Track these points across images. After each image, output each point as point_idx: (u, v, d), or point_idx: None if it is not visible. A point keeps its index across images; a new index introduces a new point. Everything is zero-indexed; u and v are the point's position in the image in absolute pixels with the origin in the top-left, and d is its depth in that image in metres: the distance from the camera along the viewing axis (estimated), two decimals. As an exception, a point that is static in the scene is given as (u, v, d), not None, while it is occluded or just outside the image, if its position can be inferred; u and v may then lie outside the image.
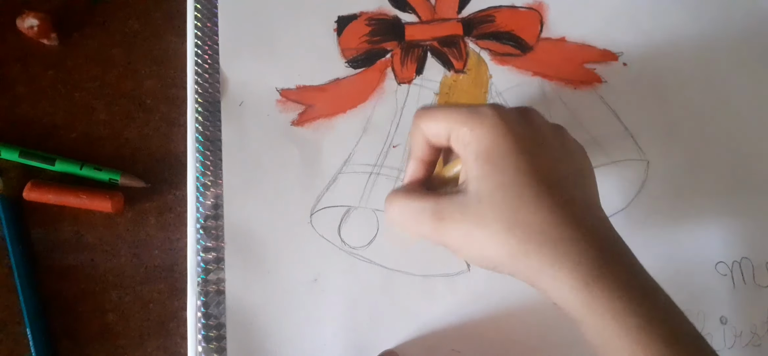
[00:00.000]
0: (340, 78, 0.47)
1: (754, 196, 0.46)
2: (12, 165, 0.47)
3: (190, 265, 0.42)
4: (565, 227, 0.31)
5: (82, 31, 0.50)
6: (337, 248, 0.43)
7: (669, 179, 0.45)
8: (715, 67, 0.48)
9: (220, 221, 0.43)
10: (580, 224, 0.31)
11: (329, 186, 0.44)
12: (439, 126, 0.34)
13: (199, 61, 0.46)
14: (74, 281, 0.45)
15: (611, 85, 0.47)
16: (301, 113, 0.46)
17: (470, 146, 0.33)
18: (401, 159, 0.45)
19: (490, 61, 0.47)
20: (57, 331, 0.44)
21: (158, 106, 0.49)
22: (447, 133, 0.34)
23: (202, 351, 0.41)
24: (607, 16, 0.49)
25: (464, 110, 0.34)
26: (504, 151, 0.32)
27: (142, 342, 0.44)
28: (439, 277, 0.43)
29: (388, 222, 0.37)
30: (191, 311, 0.42)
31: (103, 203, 0.45)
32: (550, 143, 0.34)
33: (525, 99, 0.47)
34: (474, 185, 0.32)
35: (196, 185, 0.44)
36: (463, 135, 0.33)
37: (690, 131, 0.47)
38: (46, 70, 0.49)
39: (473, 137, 0.33)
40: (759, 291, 0.44)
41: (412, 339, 0.42)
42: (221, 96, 0.46)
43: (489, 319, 0.42)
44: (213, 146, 0.45)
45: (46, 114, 0.48)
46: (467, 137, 0.33)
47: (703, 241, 0.44)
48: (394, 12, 0.48)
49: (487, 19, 0.48)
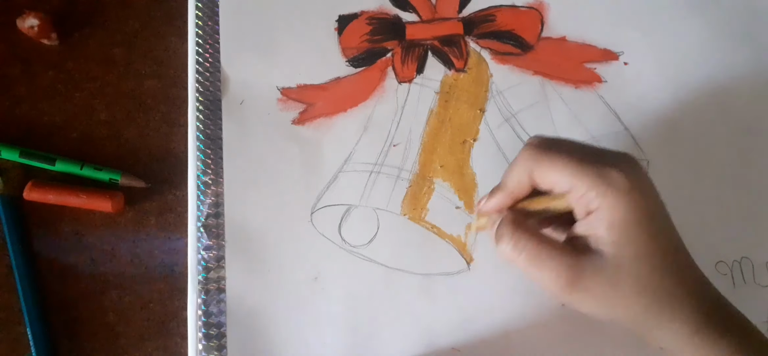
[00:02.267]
0: (341, 77, 0.47)
1: (754, 196, 0.46)
2: (12, 165, 0.47)
3: (191, 263, 0.42)
4: (680, 287, 0.34)
5: (82, 31, 0.50)
6: (338, 247, 0.43)
7: (669, 179, 0.45)
8: (715, 67, 0.48)
9: (221, 219, 0.43)
10: (689, 278, 0.34)
11: (330, 185, 0.44)
12: (559, 178, 0.34)
13: (200, 59, 0.46)
14: (74, 281, 0.45)
15: (611, 85, 0.47)
16: (302, 112, 0.46)
17: (601, 212, 0.33)
18: (402, 158, 0.45)
19: (491, 60, 0.48)
20: (57, 331, 0.44)
21: (158, 106, 0.49)
22: (568, 187, 0.34)
23: (203, 349, 0.41)
24: (607, 16, 0.49)
25: (590, 169, 0.33)
26: (639, 221, 0.33)
27: (142, 342, 0.44)
28: (439, 276, 0.43)
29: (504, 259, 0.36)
30: (191, 309, 0.42)
31: (104, 203, 0.45)
32: (660, 202, 0.35)
33: (525, 98, 0.47)
34: (611, 250, 0.33)
35: (197, 184, 0.44)
36: (590, 199, 0.33)
37: (690, 131, 0.47)
38: (46, 70, 0.49)
39: (604, 204, 0.33)
40: (759, 290, 0.44)
41: (412, 339, 0.42)
42: (222, 95, 0.46)
43: (489, 319, 0.42)
44: (214, 145, 0.45)
45: (46, 114, 0.48)
46: (595, 202, 0.33)
47: (703, 241, 0.44)
48: (395, 11, 0.48)
49: (488, 18, 0.48)
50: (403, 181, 0.45)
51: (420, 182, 0.45)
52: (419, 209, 0.44)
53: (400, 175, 0.45)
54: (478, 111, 0.46)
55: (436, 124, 0.46)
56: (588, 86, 0.47)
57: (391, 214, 0.44)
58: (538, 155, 0.35)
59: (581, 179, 0.33)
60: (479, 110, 0.46)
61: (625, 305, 0.34)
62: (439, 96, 0.47)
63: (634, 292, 0.33)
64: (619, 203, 0.33)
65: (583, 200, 0.34)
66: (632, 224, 0.33)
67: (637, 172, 0.34)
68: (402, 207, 0.44)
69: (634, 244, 0.33)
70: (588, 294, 0.34)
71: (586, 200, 0.34)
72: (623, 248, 0.33)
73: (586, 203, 0.34)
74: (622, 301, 0.34)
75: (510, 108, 0.46)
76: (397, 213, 0.44)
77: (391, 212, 0.44)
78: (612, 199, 0.33)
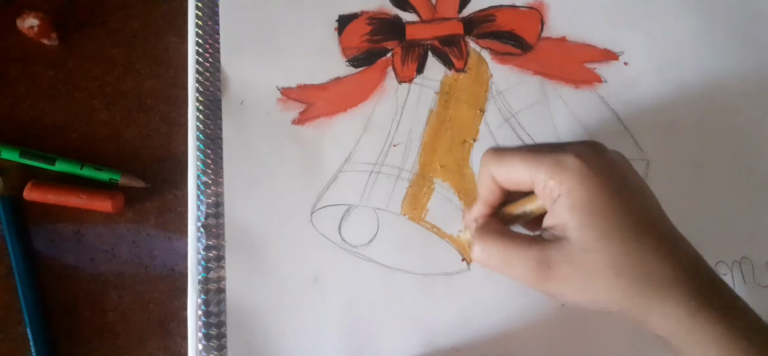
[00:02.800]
0: (341, 77, 0.47)
1: (754, 196, 0.46)
2: (12, 165, 0.47)
3: (191, 263, 0.42)
4: (667, 265, 0.33)
5: (82, 31, 0.50)
6: (338, 247, 0.43)
7: (669, 179, 0.46)
8: (715, 67, 0.48)
9: (221, 219, 0.43)
10: (678, 258, 0.33)
11: (330, 185, 0.44)
12: (517, 174, 0.35)
13: (200, 59, 0.46)
14: (74, 281, 0.45)
15: (611, 85, 0.47)
16: (302, 112, 0.46)
17: (562, 198, 0.33)
18: (402, 158, 0.45)
19: (491, 60, 0.48)
20: (57, 331, 0.44)
21: (158, 106, 0.49)
22: (529, 183, 0.35)
23: (203, 349, 0.41)
24: (607, 16, 0.49)
25: (546, 159, 0.34)
26: (599, 200, 0.33)
27: (142, 342, 0.44)
28: (439, 276, 0.43)
29: (480, 264, 0.37)
30: (191, 309, 0.42)
31: (104, 203, 0.45)
32: (629, 177, 0.35)
33: (525, 98, 0.47)
34: (576, 234, 0.33)
35: (197, 184, 0.44)
36: (551, 188, 0.34)
37: (690, 131, 0.47)
38: (46, 70, 0.49)
39: (563, 189, 0.33)
40: (759, 290, 0.44)
41: (412, 338, 0.42)
42: (222, 95, 0.46)
43: (489, 318, 0.42)
44: (214, 145, 0.45)
45: (46, 114, 0.48)
46: (556, 189, 0.33)
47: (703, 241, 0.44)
48: (395, 11, 0.48)
49: (488, 18, 0.48)
50: (403, 181, 0.45)
51: (420, 182, 0.45)
52: (419, 209, 0.44)
53: (400, 175, 0.45)
54: (478, 111, 0.46)
55: (436, 124, 0.46)
56: (588, 86, 0.47)
57: (391, 214, 0.44)
58: (495, 157, 0.36)
59: (539, 169, 0.34)
60: (479, 110, 0.46)
61: (605, 289, 0.33)
62: (439, 96, 0.47)
63: (610, 274, 0.33)
64: (578, 186, 0.33)
65: (545, 190, 0.34)
66: (593, 204, 0.33)
67: (596, 154, 0.34)
68: (402, 207, 0.44)
69: (598, 224, 0.33)
70: (563, 283, 0.34)
71: (548, 190, 0.34)
72: (588, 230, 0.33)
73: (549, 193, 0.34)
74: (600, 285, 0.33)
75: (510, 108, 0.46)
76: (397, 213, 0.44)
77: (391, 212, 0.44)
78: (570, 183, 0.33)
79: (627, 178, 0.35)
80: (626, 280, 0.33)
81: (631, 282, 0.33)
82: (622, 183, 0.34)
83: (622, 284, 0.33)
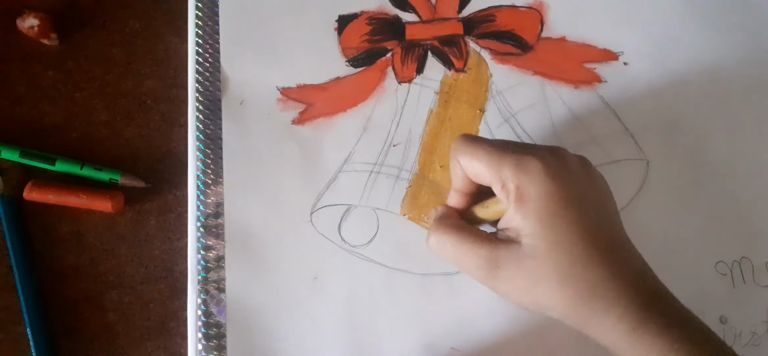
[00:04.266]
0: (341, 77, 0.47)
1: (754, 196, 0.46)
2: (12, 165, 0.47)
3: (191, 263, 0.42)
4: (613, 278, 0.33)
5: (82, 31, 0.50)
6: (338, 247, 0.43)
7: (669, 179, 0.45)
8: (715, 67, 0.48)
9: (221, 219, 0.43)
10: (625, 271, 0.34)
11: (329, 185, 0.44)
12: (479, 168, 0.35)
13: (200, 59, 0.46)
14: (74, 281, 0.45)
15: (611, 85, 0.47)
16: (302, 112, 0.46)
17: (517, 201, 0.34)
18: (401, 158, 0.45)
19: (491, 60, 0.48)
20: (57, 331, 0.44)
21: (158, 106, 0.49)
22: (488, 178, 0.35)
23: (202, 349, 0.41)
24: (607, 16, 0.49)
25: (509, 158, 0.34)
26: (554, 209, 0.33)
27: (142, 342, 0.44)
28: (439, 276, 0.43)
29: (435, 253, 0.38)
30: (191, 309, 0.42)
31: (104, 203, 0.45)
32: (587, 187, 0.35)
33: (525, 98, 0.47)
34: (528, 241, 0.34)
35: (197, 184, 0.44)
36: (509, 188, 0.34)
37: (690, 131, 0.47)
38: (46, 70, 0.49)
39: (520, 193, 0.33)
40: (759, 290, 0.44)
41: (412, 338, 0.42)
42: (222, 95, 0.46)
43: (488, 319, 0.42)
44: (214, 145, 0.45)
45: (46, 114, 0.48)
46: (514, 192, 0.34)
47: (703, 240, 0.44)
48: (395, 11, 0.48)
49: (488, 18, 0.48)
50: (403, 181, 0.45)
51: (420, 182, 0.45)
52: (419, 209, 0.44)
53: (400, 175, 0.45)
54: (477, 111, 0.46)
55: (436, 124, 0.46)
56: (588, 86, 0.47)
57: (391, 214, 0.44)
58: (462, 147, 0.36)
59: (500, 168, 0.34)
60: (479, 110, 0.46)
61: (548, 295, 0.34)
62: (439, 96, 0.47)
63: (556, 282, 0.33)
64: (534, 191, 0.33)
65: (504, 190, 0.34)
66: (548, 212, 0.33)
67: (557, 160, 0.34)
68: (402, 207, 0.44)
69: (550, 232, 0.33)
70: (509, 284, 0.34)
71: (506, 190, 0.34)
72: (540, 238, 0.33)
73: (507, 193, 0.34)
74: (544, 291, 0.34)
75: (510, 108, 0.46)
76: (397, 213, 0.44)
77: (390, 212, 0.44)
78: (527, 187, 0.33)
79: (585, 187, 0.35)
80: (570, 289, 0.33)
81: (575, 292, 0.33)
82: (578, 193, 0.34)
83: (566, 293, 0.33)
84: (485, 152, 0.35)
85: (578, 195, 0.34)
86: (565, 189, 0.33)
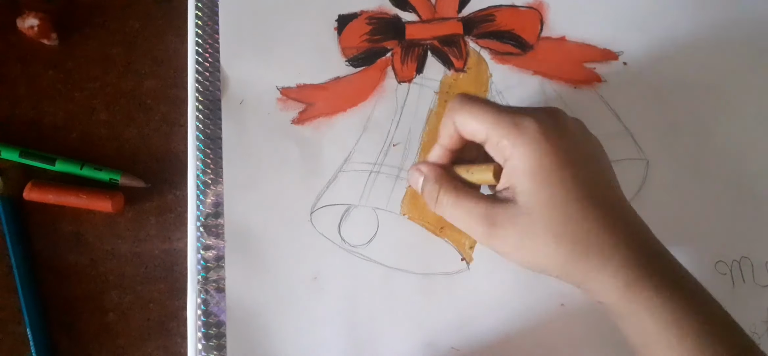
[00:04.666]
0: (341, 77, 0.47)
1: (754, 196, 0.46)
2: (12, 165, 0.47)
3: (191, 263, 0.42)
4: (608, 234, 0.33)
5: (82, 31, 0.50)
6: (337, 247, 0.43)
7: (669, 179, 0.45)
8: (715, 67, 0.48)
9: (221, 219, 0.43)
10: (620, 229, 0.34)
11: (329, 184, 0.44)
12: (476, 126, 0.36)
13: (200, 59, 0.46)
14: (74, 281, 0.45)
15: (611, 85, 0.47)
16: (302, 112, 0.46)
17: (513, 160, 0.34)
18: (401, 158, 0.45)
19: (491, 60, 0.48)
20: (57, 331, 0.44)
21: (158, 106, 0.49)
22: (484, 136, 0.35)
23: (202, 349, 0.41)
24: (607, 16, 0.49)
25: (505, 118, 0.34)
26: (548, 168, 0.33)
27: (142, 342, 0.44)
28: (439, 276, 0.43)
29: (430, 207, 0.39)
30: (191, 309, 0.42)
31: (104, 203, 0.45)
32: (583, 148, 0.35)
33: (525, 98, 0.47)
34: (523, 199, 0.34)
35: (197, 184, 0.44)
36: (504, 148, 0.34)
37: (690, 131, 0.47)
38: (46, 70, 0.49)
39: (516, 153, 0.34)
40: (759, 290, 0.44)
41: (412, 338, 0.42)
42: (222, 94, 0.46)
43: (488, 318, 0.42)
44: (213, 144, 0.45)
45: (46, 114, 0.48)
46: (508, 150, 0.34)
47: (703, 240, 0.44)
48: (395, 11, 0.48)
49: (488, 18, 0.48)
50: (403, 181, 0.45)
51: (420, 182, 0.45)
52: (419, 209, 0.44)
53: (400, 175, 0.45)
54: (477, 111, 0.46)
55: (435, 124, 0.46)
56: (588, 86, 0.47)
57: (391, 214, 0.44)
58: (460, 105, 0.36)
59: (496, 127, 0.34)
60: (479, 109, 0.46)
61: (544, 253, 0.34)
62: (439, 96, 0.47)
63: (552, 240, 0.34)
64: (530, 151, 0.33)
65: (498, 149, 0.35)
66: (543, 171, 0.33)
67: (554, 121, 0.35)
68: (402, 207, 0.44)
69: (544, 190, 0.33)
70: (506, 242, 0.35)
71: (501, 148, 0.35)
72: (534, 196, 0.34)
73: (501, 151, 0.35)
74: (540, 249, 0.34)
75: (510, 108, 0.46)
76: (397, 213, 0.44)
77: (390, 211, 0.44)
78: (522, 147, 0.34)
79: (581, 147, 0.35)
80: (566, 246, 0.33)
81: (570, 249, 0.33)
82: (575, 153, 0.34)
83: (561, 250, 0.34)
84: (483, 111, 0.35)
85: (573, 155, 0.34)
86: (561, 149, 0.34)
